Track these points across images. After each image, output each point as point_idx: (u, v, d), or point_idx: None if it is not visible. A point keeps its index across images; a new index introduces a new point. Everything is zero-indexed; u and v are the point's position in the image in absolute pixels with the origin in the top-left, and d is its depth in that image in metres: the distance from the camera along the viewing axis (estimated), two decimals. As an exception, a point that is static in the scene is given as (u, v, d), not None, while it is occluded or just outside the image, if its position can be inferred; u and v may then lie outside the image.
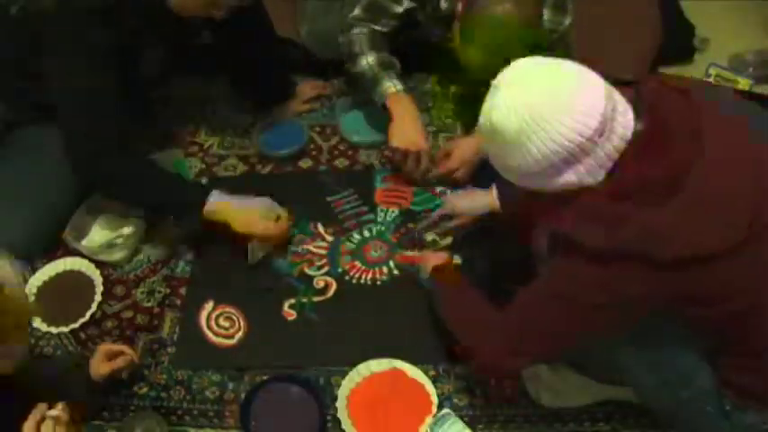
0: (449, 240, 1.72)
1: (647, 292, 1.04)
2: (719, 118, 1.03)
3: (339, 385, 1.47)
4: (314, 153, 1.96)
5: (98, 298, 1.64)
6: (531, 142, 1.00)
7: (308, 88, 2.09)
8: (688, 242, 0.98)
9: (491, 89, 1.05)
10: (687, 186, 0.98)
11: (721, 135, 1.01)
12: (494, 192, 1.54)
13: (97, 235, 1.75)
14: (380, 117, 1.83)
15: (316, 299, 1.65)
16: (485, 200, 1.57)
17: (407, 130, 1.74)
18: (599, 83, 1.01)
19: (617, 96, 1.02)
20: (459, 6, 1.57)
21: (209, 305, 1.64)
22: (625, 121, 1.01)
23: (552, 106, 0.98)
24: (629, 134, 1.01)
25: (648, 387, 1.25)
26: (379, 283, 1.68)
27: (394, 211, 1.82)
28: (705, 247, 0.99)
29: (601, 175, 1.02)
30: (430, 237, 1.73)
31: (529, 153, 1.01)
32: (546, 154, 1.00)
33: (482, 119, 1.06)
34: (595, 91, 0.99)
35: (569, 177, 1.02)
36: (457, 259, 1.68)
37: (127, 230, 1.75)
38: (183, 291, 1.68)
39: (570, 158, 1.00)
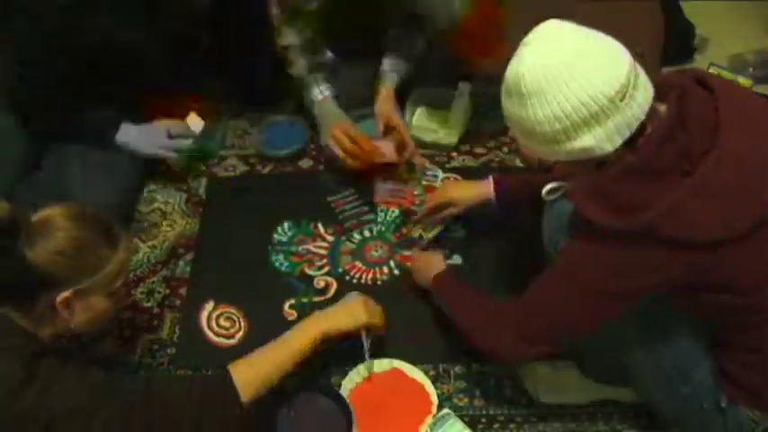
0: (435, 232, 1.72)
1: (657, 273, 1.06)
2: (740, 114, 1.05)
3: (339, 385, 1.47)
4: (314, 153, 1.96)
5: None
6: (554, 97, 1.01)
7: None
8: (688, 226, 1.01)
9: (521, 45, 1.06)
10: (695, 173, 1.00)
11: (738, 130, 1.03)
12: (491, 183, 1.57)
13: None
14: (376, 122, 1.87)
15: (316, 299, 1.65)
16: (478, 189, 1.59)
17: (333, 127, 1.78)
18: (624, 50, 1.04)
19: (640, 69, 1.04)
20: None
21: (210, 305, 1.64)
22: (646, 93, 1.03)
23: (579, 64, 1.00)
24: (646, 107, 1.03)
25: (648, 382, 1.26)
26: (379, 283, 1.68)
27: (394, 211, 1.82)
28: (704, 232, 1.01)
29: (616, 143, 1.03)
30: (416, 232, 1.73)
31: (551, 108, 1.01)
32: (568, 110, 1.01)
33: (508, 73, 1.06)
34: (621, 56, 1.02)
35: (587, 140, 1.02)
36: (457, 259, 1.69)
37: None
38: (182, 291, 1.68)
39: (590, 118, 1.01)
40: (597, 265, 1.10)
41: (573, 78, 1.00)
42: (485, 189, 1.58)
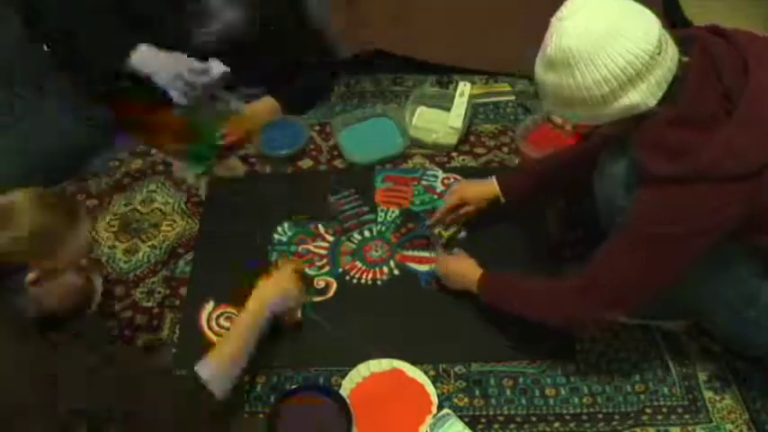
0: (452, 231, 1.72)
1: (724, 212, 1.12)
2: (762, 51, 1.13)
3: (339, 385, 1.47)
4: (314, 153, 1.96)
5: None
6: (602, 61, 1.08)
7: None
8: (743, 157, 1.08)
9: (554, 22, 1.13)
10: (738, 109, 1.08)
11: (765, 66, 1.11)
12: (495, 184, 1.61)
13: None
14: (380, 134, 1.90)
15: (316, 299, 1.65)
16: (488, 189, 1.63)
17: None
18: (646, 9, 1.12)
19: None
20: None
21: (210, 305, 1.64)
22: (674, 47, 1.12)
23: (620, 26, 1.08)
24: (676, 58, 1.12)
25: (715, 313, 1.32)
26: (379, 283, 1.68)
27: (394, 211, 1.82)
28: (756, 161, 1.08)
29: (658, 96, 1.11)
30: (436, 229, 1.73)
31: (600, 72, 1.09)
32: (616, 72, 1.08)
33: (551, 49, 1.12)
34: (649, 13, 1.12)
35: (633, 97, 1.10)
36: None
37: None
38: (182, 291, 1.68)
39: (635, 76, 1.08)
40: (662, 213, 1.15)
41: (617, 41, 1.07)
42: (492, 188, 1.62)
